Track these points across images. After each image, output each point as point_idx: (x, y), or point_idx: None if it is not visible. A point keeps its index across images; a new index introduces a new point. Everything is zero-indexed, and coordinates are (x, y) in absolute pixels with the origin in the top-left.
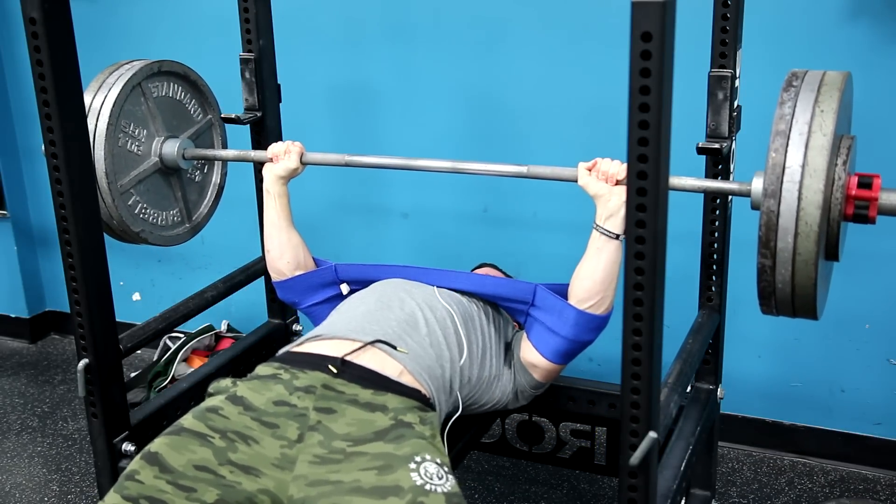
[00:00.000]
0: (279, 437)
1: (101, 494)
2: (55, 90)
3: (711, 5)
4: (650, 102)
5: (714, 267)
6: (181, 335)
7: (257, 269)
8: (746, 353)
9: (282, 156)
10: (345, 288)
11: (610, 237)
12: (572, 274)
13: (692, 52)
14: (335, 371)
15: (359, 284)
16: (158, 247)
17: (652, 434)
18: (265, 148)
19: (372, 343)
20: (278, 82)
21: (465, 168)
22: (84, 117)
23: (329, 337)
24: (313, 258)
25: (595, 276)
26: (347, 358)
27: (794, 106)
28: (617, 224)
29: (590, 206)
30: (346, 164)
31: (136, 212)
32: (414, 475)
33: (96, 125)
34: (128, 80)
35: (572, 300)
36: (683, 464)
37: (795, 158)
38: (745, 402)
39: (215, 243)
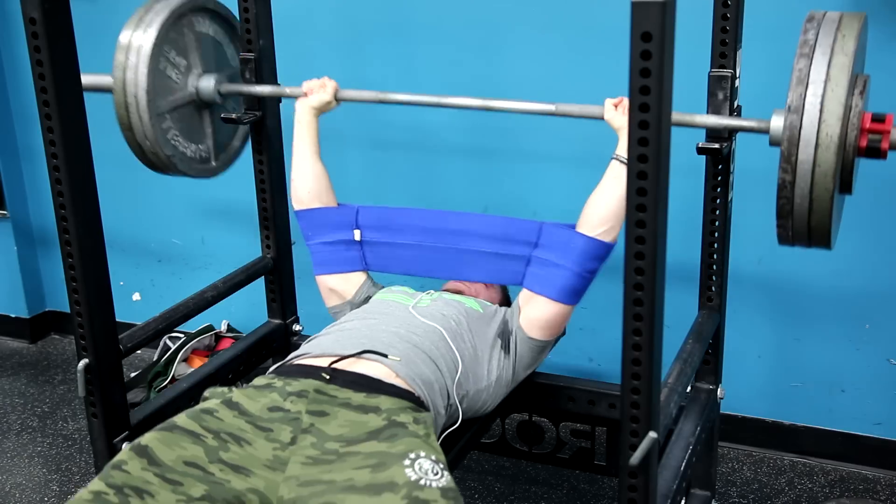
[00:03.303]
0: (272, 440)
1: None
2: (55, 90)
3: (711, 5)
4: (650, 102)
5: (714, 267)
6: (181, 335)
7: (257, 269)
8: (746, 353)
9: (316, 89)
10: (357, 234)
11: None
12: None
13: (692, 52)
14: (328, 377)
15: (376, 232)
16: (188, 177)
17: (652, 434)
18: (265, 147)
19: (360, 354)
20: (278, 82)
21: (493, 105)
22: (84, 117)
23: (317, 354)
24: (338, 203)
25: (610, 204)
26: (337, 366)
27: (818, 32)
28: None
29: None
30: (381, 101)
31: (168, 137)
32: (408, 471)
33: (141, 46)
34: (175, 7)
35: (582, 228)
36: (683, 464)
37: (819, 74)
38: (745, 402)
39: (215, 243)
